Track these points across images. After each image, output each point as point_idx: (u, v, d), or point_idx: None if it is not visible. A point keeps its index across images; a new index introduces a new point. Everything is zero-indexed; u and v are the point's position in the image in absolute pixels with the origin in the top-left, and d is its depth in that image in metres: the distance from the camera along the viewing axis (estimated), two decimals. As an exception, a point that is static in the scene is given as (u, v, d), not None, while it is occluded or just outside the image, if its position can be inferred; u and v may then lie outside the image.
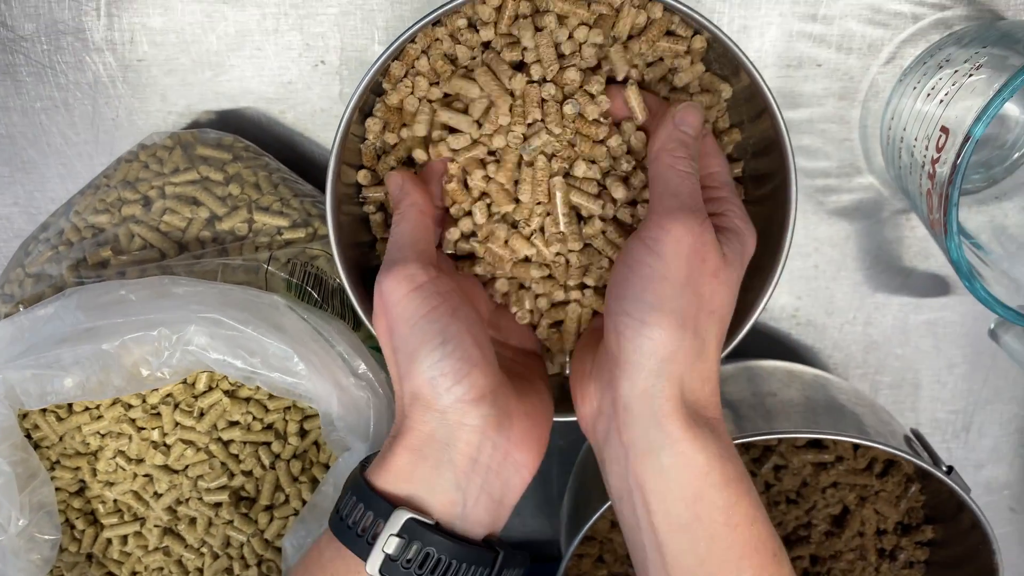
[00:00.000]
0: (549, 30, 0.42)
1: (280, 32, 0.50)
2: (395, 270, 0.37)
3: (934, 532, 0.55)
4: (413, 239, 0.38)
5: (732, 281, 0.37)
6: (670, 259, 0.34)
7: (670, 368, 0.34)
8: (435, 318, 0.36)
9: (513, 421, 0.37)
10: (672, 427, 0.34)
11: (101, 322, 0.38)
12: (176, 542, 0.49)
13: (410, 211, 0.39)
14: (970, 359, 0.59)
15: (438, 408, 0.35)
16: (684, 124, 0.39)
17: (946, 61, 0.45)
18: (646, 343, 0.34)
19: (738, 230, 0.38)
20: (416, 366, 0.35)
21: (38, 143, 0.53)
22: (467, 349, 0.35)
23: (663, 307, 0.34)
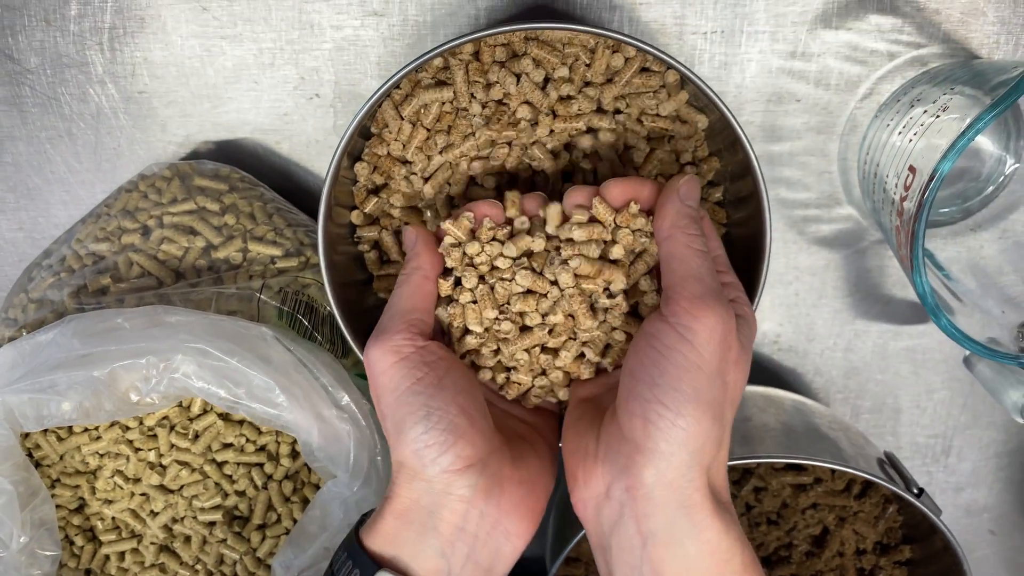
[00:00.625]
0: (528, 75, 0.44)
1: (276, 66, 0.52)
2: (381, 339, 0.37)
3: (912, 552, 0.57)
4: (407, 307, 0.38)
5: (746, 368, 0.36)
6: (703, 348, 0.34)
7: (699, 459, 0.34)
8: (419, 389, 0.36)
9: (504, 489, 0.36)
10: (700, 516, 0.34)
11: (95, 349, 0.40)
12: (172, 559, 0.50)
13: (413, 275, 0.39)
14: (949, 385, 0.60)
15: (424, 477, 0.36)
16: (689, 199, 0.38)
17: (917, 100, 0.47)
18: (679, 434, 0.33)
19: (746, 316, 0.38)
20: (402, 437, 0.36)
21: (43, 171, 0.55)
22: (452, 420, 0.36)
23: (699, 399, 0.34)
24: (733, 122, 0.42)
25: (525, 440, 0.40)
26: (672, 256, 0.37)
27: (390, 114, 0.45)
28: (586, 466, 0.36)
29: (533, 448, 0.40)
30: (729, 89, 0.52)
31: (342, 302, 0.45)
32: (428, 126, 0.45)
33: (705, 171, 0.47)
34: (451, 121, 0.45)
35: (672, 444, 0.33)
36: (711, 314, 0.34)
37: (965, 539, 0.65)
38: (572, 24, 0.41)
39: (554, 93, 0.44)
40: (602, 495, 0.35)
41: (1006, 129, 0.51)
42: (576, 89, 0.44)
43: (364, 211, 0.47)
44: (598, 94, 0.45)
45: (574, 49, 0.44)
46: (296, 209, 0.53)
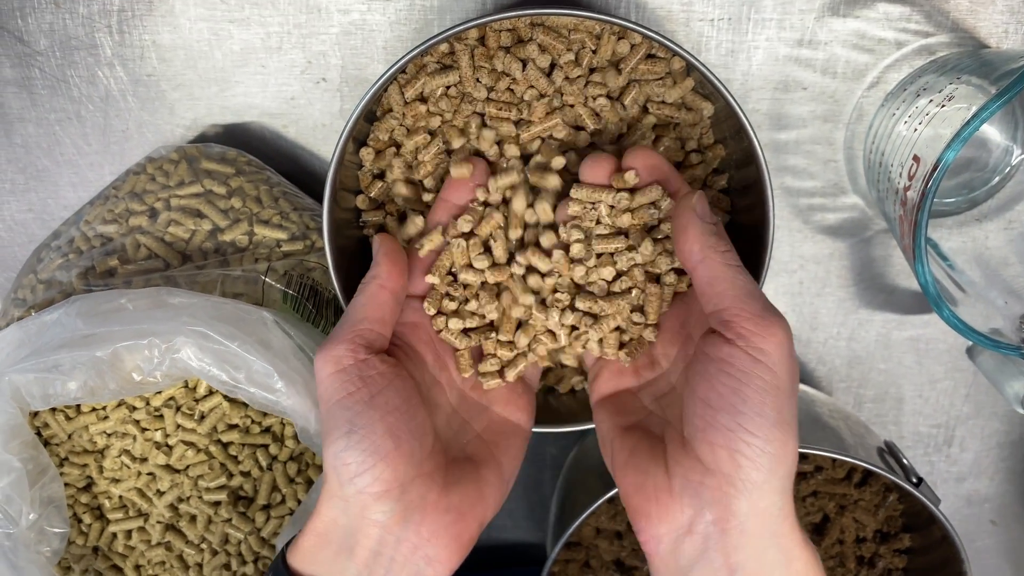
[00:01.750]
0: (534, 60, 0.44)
1: (283, 50, 0.52)
2: (325, 348, 0.37)
3: (911, 540, 0.57)
4: (358, 316, 0.38)
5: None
6: (779, 367, 0.33)
7: (788, 483, 0.33)
8: (348, 404, 0.35)
9: (427, 516, 0.35)
10: (791, 544, 0.33)
11: (98, 329, 0.41)
12: (177, 538, 0.51)
13: (369, 285, 0.39)
14: (952, 375, 0.60)
15: (341, 496, 0.35)
16: (707, 216, 0.37)
17: (924, 89, 0.47)
18: (769, 460, 0.32)
19: None
20: (325, 450, 0.35)
21: (52, 153, 0.55)
22: (376, 440, 0.35)
23: (783, 420, 0.33)
24: (737, 109, 0.42)
25: (473, 462, 0.39)
26: (715, 278, 0.35)
27: (395, 99, 0.45)
28: (660, 501, 0.34)
29: (479, 471, 0.38)
30: (736, 77, 0.52)
31: (347, 286, 0.45)
32: (433, 110, 0.45)
33: (710, 159, 0.47)
34: (456, 106, 0.45)
35: (763, 472, 0.32)
36: (778, 330, 0.33)
37: (966, 529, 0.66)
38: (578, 10, 0.41)
39: (560, 79, 0.44)
40: (682, 530, 0.34)
41: (1013, 119, 0.51)
42: (583, 75, 0.44)
43: (369, 196, 0.47)
44: (603, 79, 0.45)
45: (580, 35, 0.44)
46: (302, 193, 0.53)
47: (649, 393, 0.40)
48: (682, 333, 0.40)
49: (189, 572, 0.51)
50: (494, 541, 0.67)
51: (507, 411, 0.42)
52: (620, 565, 0.60)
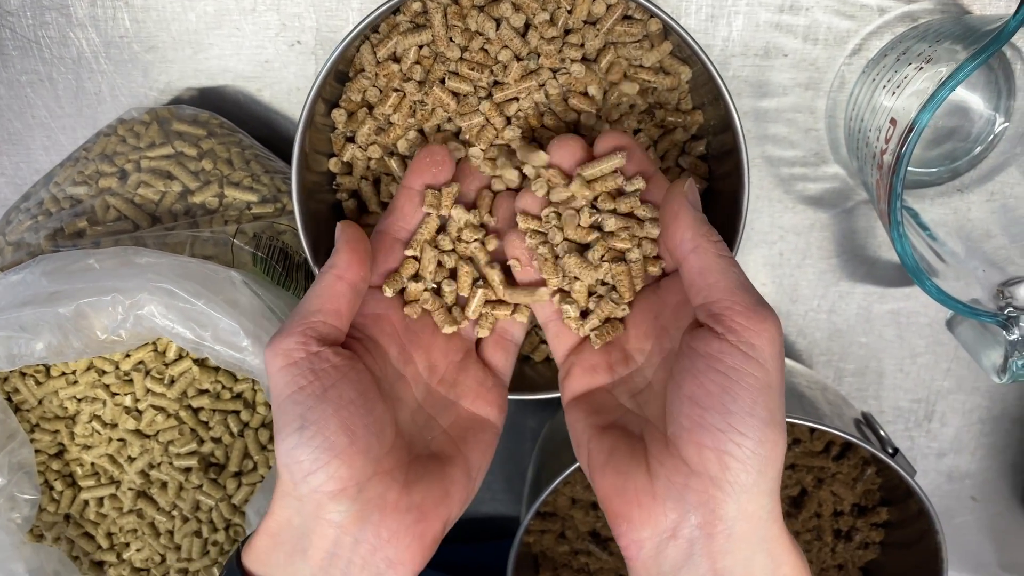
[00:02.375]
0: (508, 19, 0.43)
1: (257, 12, 0.51)
2: (275, 340, 0.35)
3: (889, 514, 0.57)
4: (311, 307, 0.36)
5: None
6: (770, 364, 0.32)
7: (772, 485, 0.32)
8: (299, 399, 0.33)
9: (386, 515, 0.34)
10: (779, 549, 0.32)
11: (64, 287, 0.40)
12: (149, 505, 0.50)
13: (325, 275, 0.37)
14: (933, 349, 0.60)
15: (295, 495, 0.33)
16: (698, 204, 0.36)
17: (903, 55, 0.46)
18: (759, 463, 0.31)
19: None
20: (277, 446, 0.34)
21: (23, 116, 0.55)
22: (329, 436, 0.33)
23: (775, 421, 0.31)
24: (714, 73, 0.42)
25: (438, 459, 0.37)
26: (707, 268, 0.34)
27: (367, 59, 0.44)
28: (642, 504, 0.33)
29: (444, 469, 0.37)
30: (716, 43, 0.51)
31: (317, 249, 0.45)
32: (405, 71, 0.44)
33: (689, 124, 0.46)
34: (429, 65, 0.44)
35: (753, 475, 0.31)
36: (769, 325, 0.32)
37: (946, 505, 0.65)
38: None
39: (535, 40, 0.44)
40: (666, 534, 0.32)
41: (996, 87, 0.50)
42: (558, 36, 0.44)
43: (342, 159, 0.47)
44: (580, 40, 0.44)
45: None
46: (275, 156, 0.52)
47: (625, 390, 0.38)
48: (656, 326, 0.38)
49: (160, 539, 0.51)
50: (471, 514, 0.67)
51: (476, 406, 0.40)
52: (596, 536, 0.60)
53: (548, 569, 0.61)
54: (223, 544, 0.51)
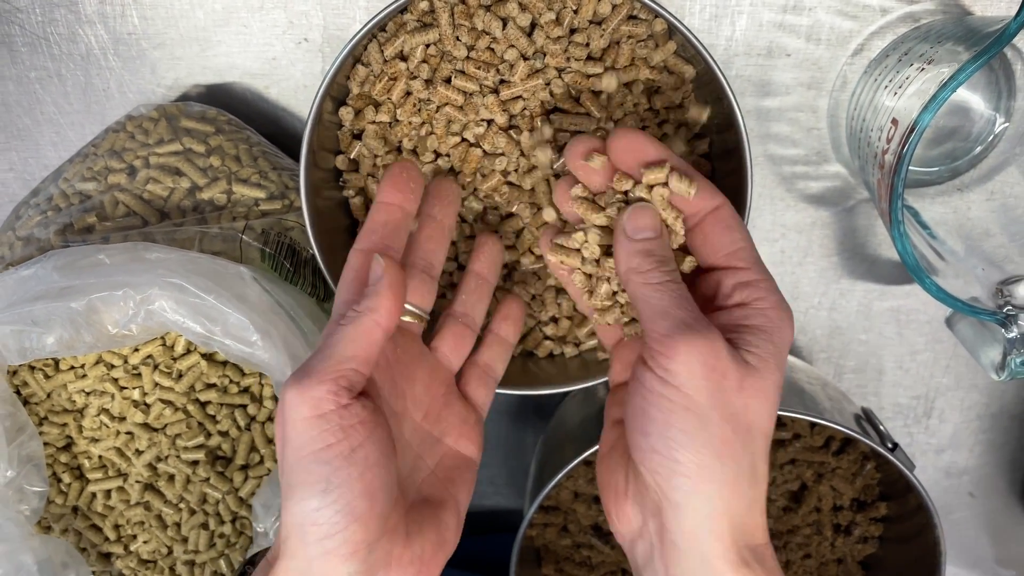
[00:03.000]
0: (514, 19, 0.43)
1: (265, 9, 0.52)
2: (303, 385, 0.32)
3: (888, 509, 0.57)
4: (346, 353, 0.33)
5: (766, 388, 0.33)
6: (687, 387, 0.31)
7: (715, 504, 0.31)
8: (326, 459, 0.32)
9: (390, 571, 0.34)
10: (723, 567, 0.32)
11: (75, 282, 0.41)
12: (156, 497, 0.51)
13: (363, 318, 0.34)
14: (932, 346, 0.60)
15: (303, 556, 0.32)
16: (639, 232, 0.35)
17: (905, 55, 0.47)
18: (684, 482, 0.31)
19: (766, 325, 0.33)
20: (292, 504, 0.32)
21: (32, 112, 0.55)
22: (352, 500, 0.32)
23: (693, 442, 0.31)
24: (718, 72, 0.42)
25: (431, 504, 0.37)
26: (635, 299, 0.34)
27: (375, 57, 0.45)
28: (619, 504, 0.35)
29: (438, 515, 0.37)
30: (719, 42, 0.52)
31: (325, 246, 0.45)
32: (412, 70, 0.45)
33: (692, 123, 0.47)
34: (436, 64, 0.45)
35: (681, 493, 0.32)
36: (682, 348, 0.31)
37: (945, 501, 0.66)
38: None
39: (541, 39, 0.44)
40: (637, 533, 0.34)
41: (997, 88, 0.51)
42: (564, 35, 0.44)
43: (349, 156, 0.47)
44: (586, 40, 0.45)
45: (561, -7, 0.44)
46: (282, 153, 0.53)
47: None
48: None
49: (167, 531, 0.51)
50: (475, 508, 0.68)
51: (459, 443, 0.40)
52: (598, 529, 0.60)
53: (550, 562, 0.61)
54: (229, 536, 0.51)
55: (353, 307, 0.34)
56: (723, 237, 0.35)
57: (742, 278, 0.35)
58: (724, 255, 0.35)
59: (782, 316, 0.34)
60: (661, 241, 0.35)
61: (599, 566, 0.61)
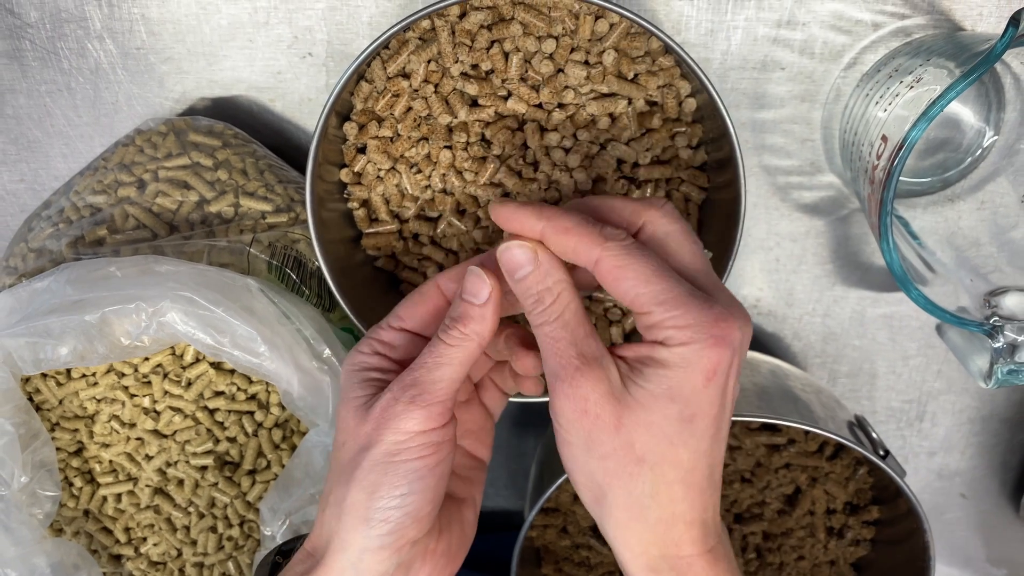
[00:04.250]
0: (515, 42, 0.45)
1: (270, 25, 0.53)
2: (419, 403, 0.35)
3: (880, 512, 0.59)
4: (456, 377, 0.36)
5: (651, 421, 0.33)
6: (565, 428, 0.34)
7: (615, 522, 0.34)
8: (414, 467, 0.35)
9: (424, 563, 0.37)
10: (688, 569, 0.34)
11: (87, 295, 0.42)
12: (165, 501, 0.52)
13: (470, 343, 0.36)
14: (924, 352, 0.61)
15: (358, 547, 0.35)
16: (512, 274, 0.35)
17: (896, 71, 0.48)
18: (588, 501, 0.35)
19: (669, 360, 0.33)
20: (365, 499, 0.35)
21: (43, 124, 0.56)
22: (421, 505, 0.35)
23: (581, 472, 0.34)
24: (710, 88, 0.43)
25: (455, 501, 0.40)
26: None
27: (378, 74, 0.46)
28: None
29: (461, 512, 0.40)
30: (715, 56, 0.53)
31: (330, 258, 0.46)
32: (415, 87, 0.46)
33: (690, 135, 0.48)
34: (438, 80, 0.46)
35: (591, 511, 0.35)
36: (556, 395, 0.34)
37: (936, 502, 0.67)
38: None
39: (539, 61, 0.45)
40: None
41: (987, 101, 0.52)
42: (563, 58, 0.45)
43: (353, 169, 0.48)
44: (584, 58, 0.46)
45: (560, 13, 0.45)
46: (288, 166, 0.54)
47: None
48: None
49: (177, 534, 0.53)
50: (477, 509, 0.69)
51: (474, 447, 0.42)
52: (596, 530, 0.62)
53: (550, 562, 0.63)
54: (237, 539, 0.53)
55: (459, 328, 0.36)
56: (614, 289, 0.34)
57: (645, 322, 0.34)
58: (626, 303, 0.35)
59: (691, 349, 0.33)
60: (537, 275, 0.35)
61: (597, 566, 0.62)
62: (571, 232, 0.34)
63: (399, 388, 0.35)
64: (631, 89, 0.46)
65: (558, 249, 0.35)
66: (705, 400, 0.33)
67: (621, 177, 0.48)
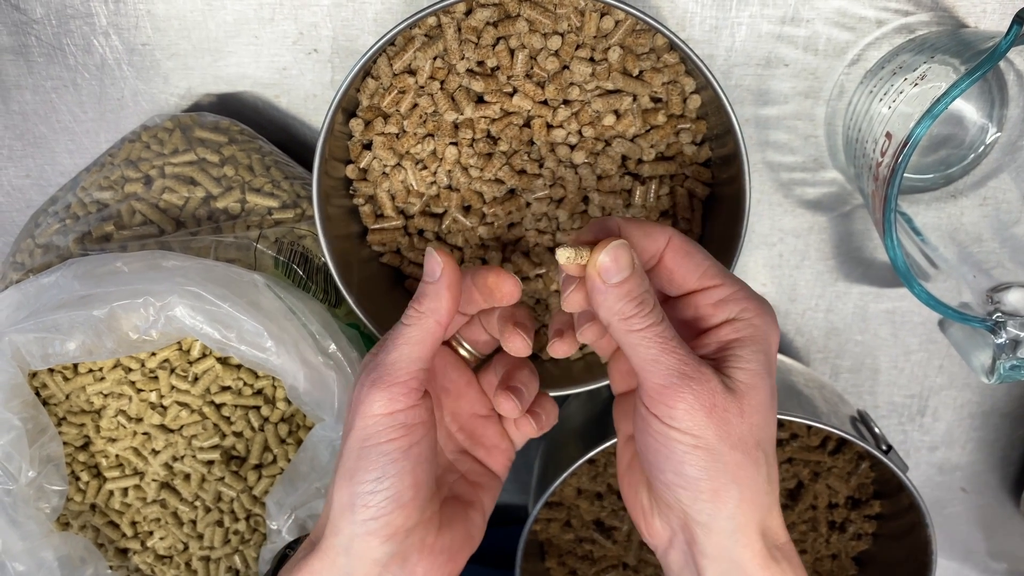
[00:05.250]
0: (521, 39, 0.45)
1: (275, 21, 0.53)
2: (380, 384, 0.36)
3: (881, 507, 0.59)
4: (415, 356, 0.36)
5: (763, 401, 0.34)
6: (694, 430, 0.33)
7: (739, 521, 0.34)
8: (387, 451, 0.36)
9: (422, 557, 0.37)
10: (754, 570, 0.34)
11: (95, 290, 0.42)
12: (172, 495, 0.52)
13: (426, 320, 0.36)
14: (926, 347, 0.62)
15: (348, 534, 0.36)
16: (612, 276, 0.34)
17: (900, 67, 0.48)
18: (706, 506, 0.34)
19: (755, 335, 0.34)
20: (347, 485, 0.36)
21: (49, 120, 0.56)
22: (401, 489, 0.36)
23: (708, 473, 0.33)
24: (715, 85, 0.43)
25: (461, 502, 0.40)
26: (621, 343, 0.35)
27: (384, 70, 0.46)
28: (647, 519, 0.38)
29: (467, 513, 0.40)
30: (719, 52, 0.53)
31: (336, 253, 0.47)
32: (421, 83, 0.46)
33: (694, 132, 0.48)
34: (443, 76, 0.46)
35: (704, 515, 0.34)
36: (679, 398, 0.33)
37: (937, 496, 0.68)
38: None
39: (545, 57, 0.45)
40: (668, 542, 0.37)
41: (990, 97, 0.52)
42: (568, 55, 0.45)
43: (359, 166, 0.49)
44: (589, 54, 0.46)
45: (565, 10, 0.45)
46: (293, 162, 0.54)
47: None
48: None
49: (183, 528, 0.53)
50: (480, 503, 0.69)
51: (488, 459, 0.42)
52: (600, 525, 0.62)
53: (554, 556, 0.63)
54: (244, 533, 0.53)
55: (414, 307, 0.37)
56: (686, 264, 0.36)
57: (719, 295, 0.35)
58: (695, 279, 0.36)
59: (766, 319, 0.35)
60: (637, 278, 0.34)
61: (601, 559, 0.63)
62: (643, 223, 0.36)
63: (364, 373, 0.37)
64: (636, 86, 0.46)
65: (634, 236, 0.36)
66: (774, 371, 0.35)
67: (626, 173, 0.49)
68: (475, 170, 0.48)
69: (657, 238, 0.36)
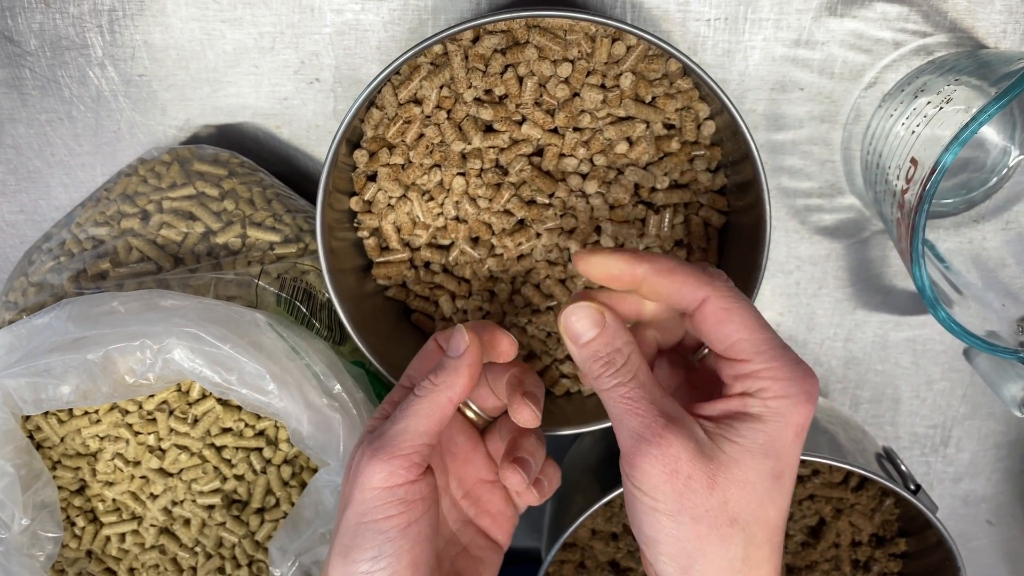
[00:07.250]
0: (530, 67, 0.43)
1: (276, 50, 0.52)
2: (381, 455, 0.35)
3: (907, 545, 0.57)
4: (420, 428, 0.35)
5: (743, 481, 0.32)
6: (653, 493, 0.32)
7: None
8: (383, 528, 0.34)
9: None
10: None
11: (89, 332, 0.40)
12: (171, 541, 0.51)
13: (440, 394, 0.36)
14: (948, 376, 0.60)
15: None
16: (578, 338, 0.34)
17: (921, 90, 0.46)
18: (668, 568, 0.33)
19: (764, 414, 0.33)
20: (341, 564, 0.35)
21: (43, 154, 0.55)
22: (398, 569, 0.34)
23: (669, 539, 0.32)
24: (733, 110, 0.42)
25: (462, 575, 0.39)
26: (604, 406, 0.35)
27: (389, 100, 0.45)
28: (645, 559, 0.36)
29: None
30: (732, 77, 0.52)
31: (340, 289, 0.45)
32: (427, 113, 0.45)
33: (709, 159, 0.47)
34: (450, 106, 0.45)
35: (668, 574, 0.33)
36: (640, 460, 0.32)
37: (962, 529, 0.66)
38: (573, 11, 0.41)
39: (555, 85, 0.44)
40: None
41: (1012, 120, 0.51)
42: (579, 82, 0.44)
43: (363, 198, 0.47)
44: (600, 81, 0.44)
45: (576, 36, 0.44)
46: (295, 195, 0.53)
47: None
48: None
49: (183, 575, 0.51)
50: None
51: (491, 528, 0.41)
52: (615, 566, 0.60)
53: (567, 598, 0.61)
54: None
55: (430, 379, 0.36)
56: (716, 331, 0.34)
57: (740, 370, 0.33)
58: (721, 348, 0.34)
59: (786, 402, 0.33)
60: (604, 338, 0.34)
61: (616, 600, 0.61)
62: (676, 272, 0.34)
63: (366, 443, 0.35)
64: (649, 112, 0.45)
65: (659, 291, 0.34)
66: (792, 456, 0.33)
67: (639, 202, 0.47)
68: (484, 201, 0.46)
69: (690, 295, 0.34)
